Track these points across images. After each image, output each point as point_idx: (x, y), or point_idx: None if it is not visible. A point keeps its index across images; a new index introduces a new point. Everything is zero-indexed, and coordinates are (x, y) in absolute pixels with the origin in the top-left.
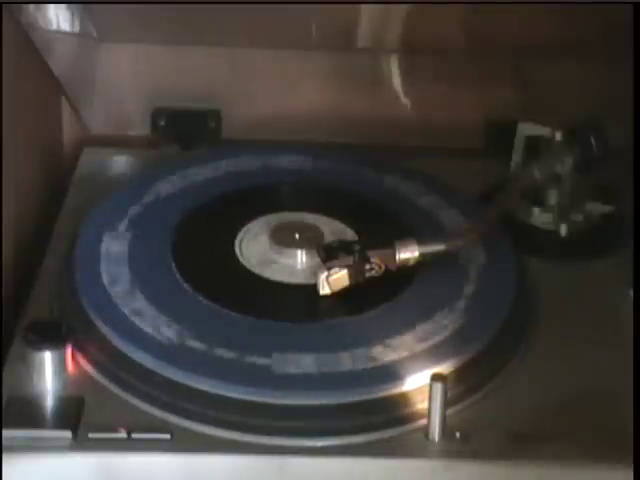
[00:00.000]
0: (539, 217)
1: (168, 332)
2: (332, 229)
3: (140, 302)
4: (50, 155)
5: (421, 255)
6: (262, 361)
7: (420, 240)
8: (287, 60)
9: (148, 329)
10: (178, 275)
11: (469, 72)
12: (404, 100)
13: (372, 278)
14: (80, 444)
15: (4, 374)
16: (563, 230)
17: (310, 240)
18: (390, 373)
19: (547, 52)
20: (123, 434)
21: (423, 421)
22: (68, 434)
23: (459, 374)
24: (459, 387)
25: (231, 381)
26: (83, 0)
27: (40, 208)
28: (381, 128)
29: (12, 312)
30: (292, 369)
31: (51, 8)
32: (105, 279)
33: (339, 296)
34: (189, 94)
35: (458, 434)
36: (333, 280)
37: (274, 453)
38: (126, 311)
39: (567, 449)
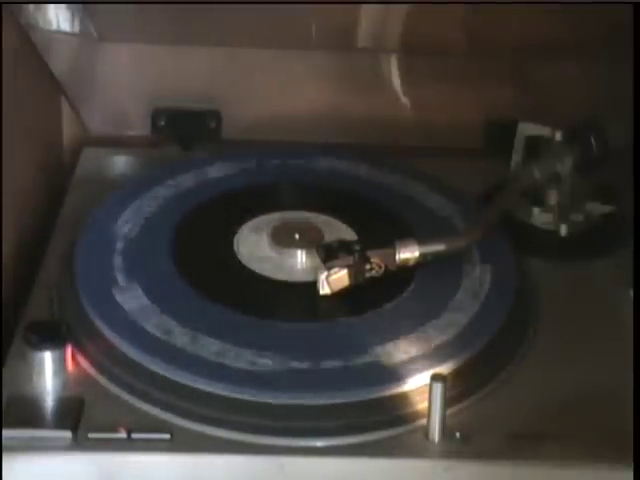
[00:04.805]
0: (539, 217)
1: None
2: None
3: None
4: (50, 155)
5: (421, 255)
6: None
7: (420, 240)
8: (287, 60)
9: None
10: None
11: (469, 72)
12: (404, 100)
13: (372, 278)
14: (80, 444)
15: (4, 374)
16: (563, 230)
17: (310, 240)
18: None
19: (547, 52)
20: (123, 434)
21: (423, 421)
22: (68, 434)
23: (459, 374)
24: (459, 387)
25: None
26: (83, 0)
27: (40, 208)
28: (381, 128)
29: (12, 312)
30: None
31: (51, 8)
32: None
33: (339, 296)
34: (189, 94)
35: (458, 434)
36: (333, 280)
37: (274, 453)
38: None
39: (567, 449)
